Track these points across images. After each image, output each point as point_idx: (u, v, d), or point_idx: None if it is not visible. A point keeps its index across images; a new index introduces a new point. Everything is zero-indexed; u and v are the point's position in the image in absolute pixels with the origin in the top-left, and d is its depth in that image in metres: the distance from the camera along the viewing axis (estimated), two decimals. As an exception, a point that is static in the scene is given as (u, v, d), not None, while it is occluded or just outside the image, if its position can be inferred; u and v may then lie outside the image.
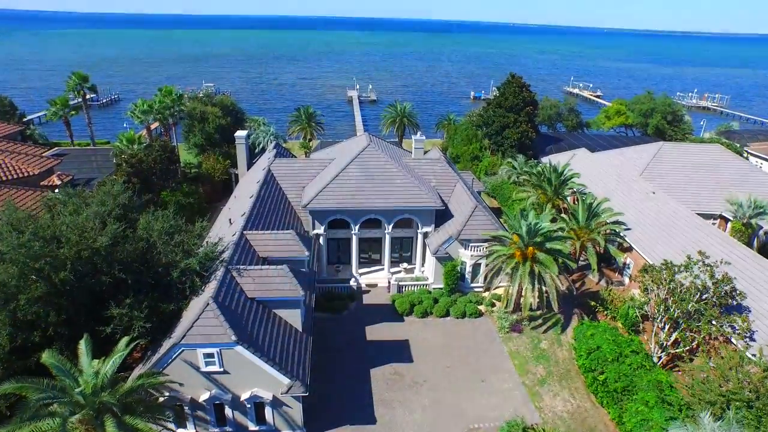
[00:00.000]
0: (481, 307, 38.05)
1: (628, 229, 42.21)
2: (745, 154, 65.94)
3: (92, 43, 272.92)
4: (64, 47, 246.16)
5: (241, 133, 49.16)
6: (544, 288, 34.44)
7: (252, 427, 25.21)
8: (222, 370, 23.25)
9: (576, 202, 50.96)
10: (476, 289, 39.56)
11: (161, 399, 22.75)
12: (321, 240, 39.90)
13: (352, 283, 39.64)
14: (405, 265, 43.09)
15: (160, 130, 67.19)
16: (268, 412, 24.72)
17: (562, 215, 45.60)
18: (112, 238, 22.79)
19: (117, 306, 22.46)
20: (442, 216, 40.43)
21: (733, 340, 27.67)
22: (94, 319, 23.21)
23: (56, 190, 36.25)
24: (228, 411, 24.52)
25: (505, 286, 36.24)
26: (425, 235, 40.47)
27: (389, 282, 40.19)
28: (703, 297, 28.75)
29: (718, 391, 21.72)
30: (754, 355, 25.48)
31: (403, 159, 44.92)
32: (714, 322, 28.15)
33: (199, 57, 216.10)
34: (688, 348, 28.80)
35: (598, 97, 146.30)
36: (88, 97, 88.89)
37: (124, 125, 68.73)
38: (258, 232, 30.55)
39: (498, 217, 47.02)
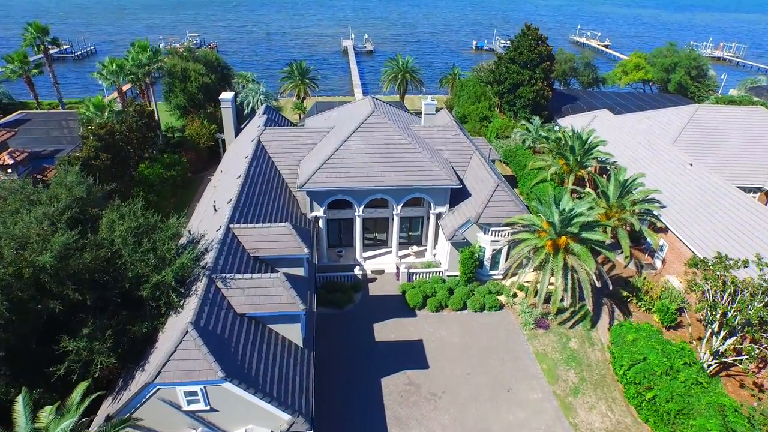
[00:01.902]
0: (502, 298, 34.08)
1: (663, 206, 37.79)
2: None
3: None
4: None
5: (226, 96, 43.17)
6: (576, 276, 30.31)
7: (247, 463, 21.46)
8: (209, 408, 19.21)
9: (600, 173, 46.25)
10: (495, 278, 35.48)
11: (135, 443, 18.80)
12: (320, 222, 35.28)
13: (357, 271, 35.36)
14: (414, 247, 38.76)
15: (136, 92, 60.63)
16: (265, 448, 20.93)
17: (587, 189, 41.04)
18: (60, 253, 18.01)
19: (72, 337, 17.98)
20: (457, 194, 35.70)
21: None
22: (49, 343, 18.82)
23: (9, 170, 31.00)
24: (218, 449, 20.69)
25: (531, 273, 32.14)
26: (438, 216, 35.88)
27: (398, 268, 35.97)
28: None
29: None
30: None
31: (411, 127, 39.60)
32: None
33: (182, 3, 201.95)
34: (750, 360, 24.99)
35: (605, 47, 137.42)
36: (59, 49, 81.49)
37: (100, 83, 61.82)
38: (247, 226, 25.77)
39: (513, 187, 42.36)
